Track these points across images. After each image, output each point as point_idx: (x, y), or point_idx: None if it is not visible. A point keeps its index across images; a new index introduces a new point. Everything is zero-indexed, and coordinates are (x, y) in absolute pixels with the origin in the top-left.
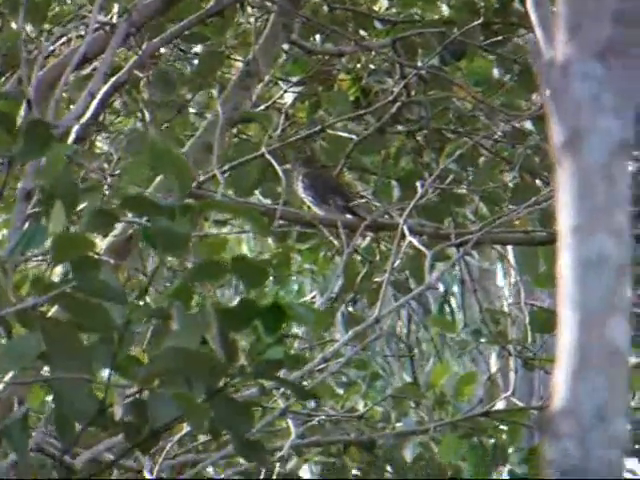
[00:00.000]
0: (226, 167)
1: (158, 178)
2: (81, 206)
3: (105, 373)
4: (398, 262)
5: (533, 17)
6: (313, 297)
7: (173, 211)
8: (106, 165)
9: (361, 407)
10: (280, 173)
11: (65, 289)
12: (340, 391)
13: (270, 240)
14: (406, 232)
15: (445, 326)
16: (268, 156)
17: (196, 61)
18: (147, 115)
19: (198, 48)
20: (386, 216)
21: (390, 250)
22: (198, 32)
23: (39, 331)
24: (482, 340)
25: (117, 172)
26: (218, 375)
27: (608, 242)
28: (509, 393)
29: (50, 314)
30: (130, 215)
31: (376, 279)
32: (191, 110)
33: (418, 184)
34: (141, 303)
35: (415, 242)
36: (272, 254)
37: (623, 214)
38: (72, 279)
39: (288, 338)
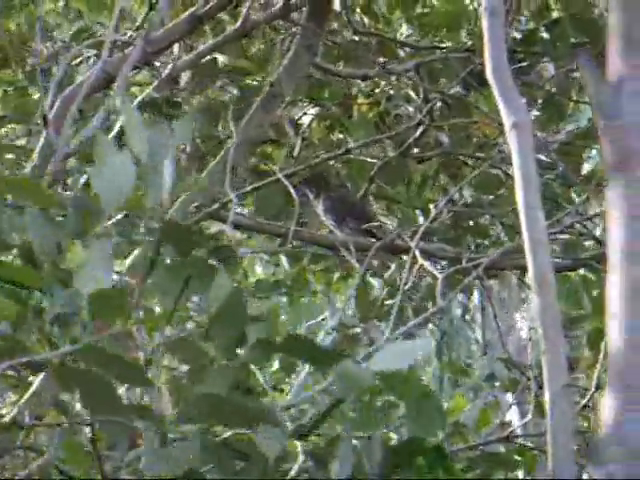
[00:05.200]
0: (247, 189)
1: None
2: None
3: None
4: (420, 290)
5: (493, 84)
6: (323, 319)
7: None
8: None
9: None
10: (294, 196)
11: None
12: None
13: (284, 261)
14: (417, 255)
15: (460, 373)
16: (283, 179)
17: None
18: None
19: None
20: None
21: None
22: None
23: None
24: (496, 384)
25: None
26: None
27: None
28: (527, 418)
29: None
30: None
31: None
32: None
33: (431, 206)
34: None
35: (426, 265)
36: (285, 275)
37: None
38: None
39: None
